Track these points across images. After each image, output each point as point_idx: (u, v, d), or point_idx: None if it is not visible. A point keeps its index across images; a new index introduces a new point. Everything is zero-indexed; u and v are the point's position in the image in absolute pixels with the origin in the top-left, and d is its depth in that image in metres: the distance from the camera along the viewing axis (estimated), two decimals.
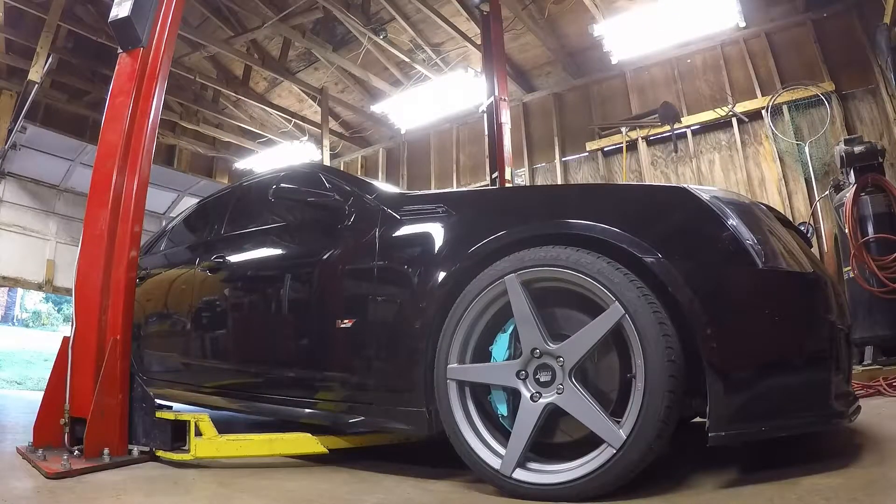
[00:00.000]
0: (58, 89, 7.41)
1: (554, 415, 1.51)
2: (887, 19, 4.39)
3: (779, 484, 1.44)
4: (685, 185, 1.64)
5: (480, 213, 1.90)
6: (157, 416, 2.08)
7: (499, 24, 5.38)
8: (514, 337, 1.60)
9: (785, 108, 5.56)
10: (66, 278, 6.52)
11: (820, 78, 5.45)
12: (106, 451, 1.94)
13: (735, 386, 1.36)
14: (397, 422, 1.81)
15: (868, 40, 5.21)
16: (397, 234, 2.00)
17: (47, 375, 2.18)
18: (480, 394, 1.67)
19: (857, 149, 4.40)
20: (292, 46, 7.56)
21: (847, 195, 4.31)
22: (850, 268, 4.24)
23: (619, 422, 1.40)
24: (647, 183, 5.94)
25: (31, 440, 2.09)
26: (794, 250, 1.62)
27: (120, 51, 2.40)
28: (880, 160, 4.37)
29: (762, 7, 5.80)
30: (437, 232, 1.88)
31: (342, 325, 2.00)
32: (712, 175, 5.93)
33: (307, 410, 2.12)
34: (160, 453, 2.04)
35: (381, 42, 6.93)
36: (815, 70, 5.52)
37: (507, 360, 1.60)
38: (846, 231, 4.23)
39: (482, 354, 1.67)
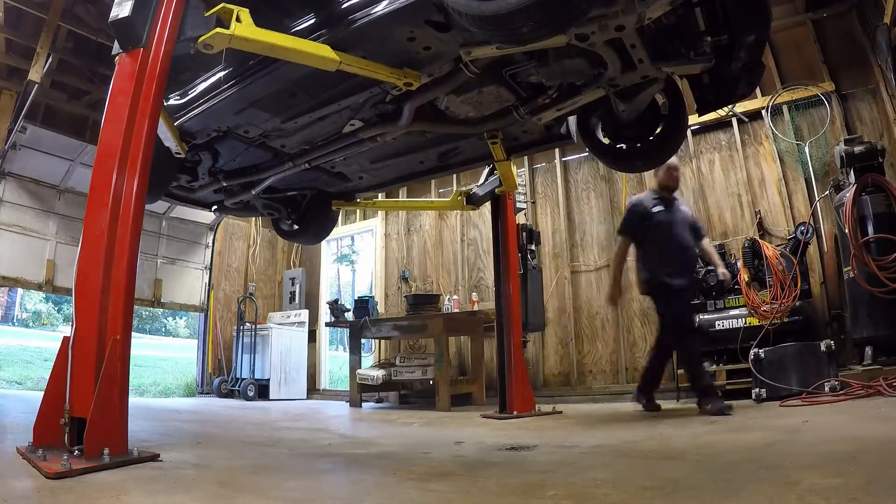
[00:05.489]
0: (58, 89, 7.38)
1: None
2: (887, 19, 4.39)
3: (779, 484, 1.44)
4: None
5: None
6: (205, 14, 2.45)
7: None
8: None
9: (785, 108, 5.55)
10: (66, 278, 6.51)
11: (820, 78, 5.45)
12: (106, 451, 1.93)
13: None
14: None
15: (868, 40, 5.21)
16: None
17: (47, 375, 2.18)
18: None
19: (857, 149, 4.41)
20: None
21: (847, 195, 4.31)
22: (850, 268, 4.24)
23: None
24: None
25: (31, 440, 2.09)
26: None
27: (120, 51, 2.40)
28: (880, 160, 4.37)
29: None
30: None
31: None
32: (712, 175, 5.91)
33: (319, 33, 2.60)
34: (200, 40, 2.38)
35: None
36: (815, 70, 5.51)
37: None
38: (846, 231, 4.23)
39: None
